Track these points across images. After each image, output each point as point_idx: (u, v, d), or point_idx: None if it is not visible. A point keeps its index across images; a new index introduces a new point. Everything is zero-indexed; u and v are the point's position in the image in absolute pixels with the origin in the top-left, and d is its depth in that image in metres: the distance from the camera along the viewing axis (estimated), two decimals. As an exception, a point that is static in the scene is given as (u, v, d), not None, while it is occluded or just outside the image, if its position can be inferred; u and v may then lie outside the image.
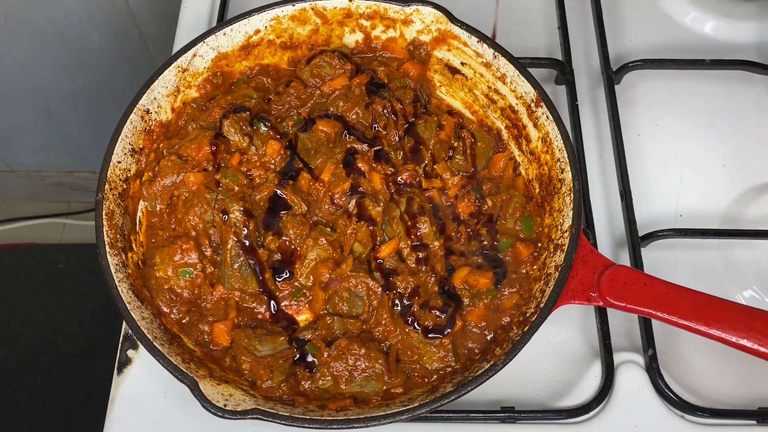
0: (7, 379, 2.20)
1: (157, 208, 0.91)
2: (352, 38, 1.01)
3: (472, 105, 0.99)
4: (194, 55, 0.94)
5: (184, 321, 0.85)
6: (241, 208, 0.87)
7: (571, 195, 0.83)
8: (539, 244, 0.88)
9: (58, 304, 2.32)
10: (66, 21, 1.72)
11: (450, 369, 0.82)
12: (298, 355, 0.83)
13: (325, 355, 0.82)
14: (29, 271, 2.37)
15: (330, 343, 0.82)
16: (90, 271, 2.36)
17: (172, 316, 0.85)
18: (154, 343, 0.76)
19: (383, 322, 0.84)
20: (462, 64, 0.97)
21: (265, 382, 0.81)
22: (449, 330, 0.82)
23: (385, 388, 0.81)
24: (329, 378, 0.81)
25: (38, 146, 2.23)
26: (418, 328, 0.83)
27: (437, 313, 0.83)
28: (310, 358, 0.82)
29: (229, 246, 0.86)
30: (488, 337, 0.84)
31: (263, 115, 0.94)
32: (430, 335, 0.82)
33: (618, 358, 0.87)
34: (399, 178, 0.92)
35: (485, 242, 0.89)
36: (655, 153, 1.04)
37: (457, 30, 0.95)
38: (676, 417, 0.85)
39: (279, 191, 0.90)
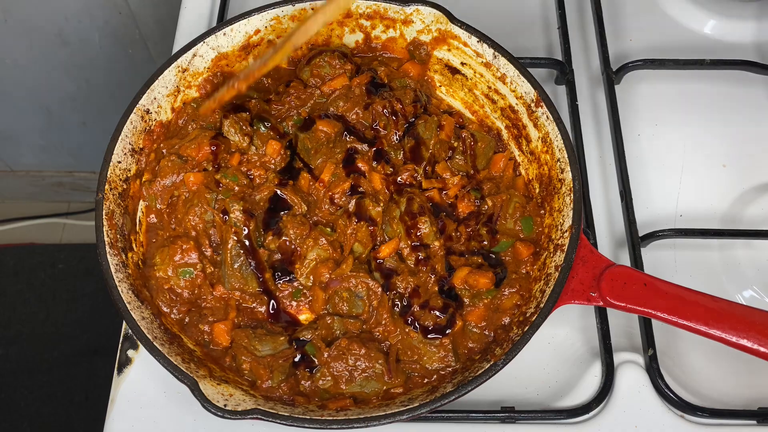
0: (7, 379, 2.20)
1: (157, 208, 0.91)
2: (352, 38, 1.01)
3: (472, 105, 0.99)
4: (194, 55, 0.94)
5: (184, 321, 0.85)
6: (241, 208, 0.87)
7: (571, 195, 0.83)
8: (539, 244, 0.88)
9: (58, 304, 2.32)
10: (66, 21, 1.72)
11: (450, 369, 0.82)
12: (298, 356, 0.83)
13: (325, 355, 0.82)
14: (29, 271, 2.37)
15: (330, 343, 0.82)
16: (90, 271, 2.36)
17: (172, 316, 0.85)
18: (154, 343, 0.76)
19: (383, 322, 0.84)
20: (462, 64, 0.97)
21: (265, 382, 0.81)
22: (449, 330, 0.82)
23: (385, 388, 0.81)
24: (329, 378, 0.81)
25: (38, 146, 2.23)
26: (417, 328, 0.83)
27: (437, 313, 0.83)
28: (310, 359, 0.82)
29: (229, 246, 0.86)
30: (488, 337, 0.84)
31: (263, 115, 0.94)
32: (430, 335, 0.82)
33: (618, 358, 0.87)
34: (399, 178, 0.92)
35: (485, 242, 0.89)
36: (655, 153, 1.04)
37: (457, 30, 0.95)
38: (676, 417, 0.85)
39: (279, 191, 0.90)
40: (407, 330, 0.83)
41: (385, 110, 0.94)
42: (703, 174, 1.03)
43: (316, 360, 0.82)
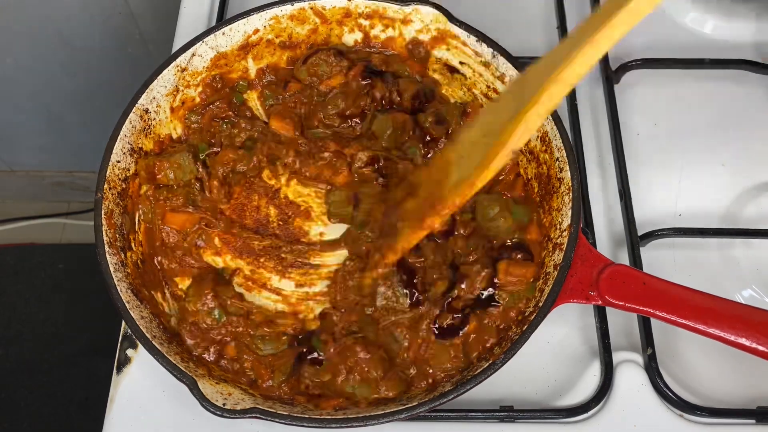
0: (7, 379, 2.20)
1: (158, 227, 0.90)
2: (351, 38, 1.00)
3: (471, 104, 0.99)
4: (193, 55, 0.94)
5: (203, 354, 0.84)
6: None
7: (570, 194, 0.83)
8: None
9: (58, 304, 2.32)
10: (66, 21, 1.72)
11: (457, 369, 0.81)
12: (305, 349, 0.82)
13: (331, 350, 0.81)
14: (29, 271, 2.37)
15: (336, 338, 0.82)
16: (90, 271, 2.34)
17: (192, 349, 0.83)
18: (153, 342, 0.76)
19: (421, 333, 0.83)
20: (461, 63, 0.97)
21: (266, 382, 0.81)
22: (462, 331, 0.81)
23: (375, 396, 0.79)
24: (329, 372, 0.81)
25: (38, 146, 2.23)
26: (435, 331, 0.82)
27: (453, 315, 0.82)
28: (315, 351, 0.82)
29: None
30: (503, 331, 0.82)
31: None
32: (444, 337, 0.82)
33: (617, 357, 0.87)
34: None
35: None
36: (655, 152, 1.04)
37: (456, 29, 0.95)
38: (675, 416, 0.85)
39: None
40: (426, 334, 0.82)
41: (383, 100, 0.94)
42: (702, 173, 1.03)
43: (322, 354, 0.81)
